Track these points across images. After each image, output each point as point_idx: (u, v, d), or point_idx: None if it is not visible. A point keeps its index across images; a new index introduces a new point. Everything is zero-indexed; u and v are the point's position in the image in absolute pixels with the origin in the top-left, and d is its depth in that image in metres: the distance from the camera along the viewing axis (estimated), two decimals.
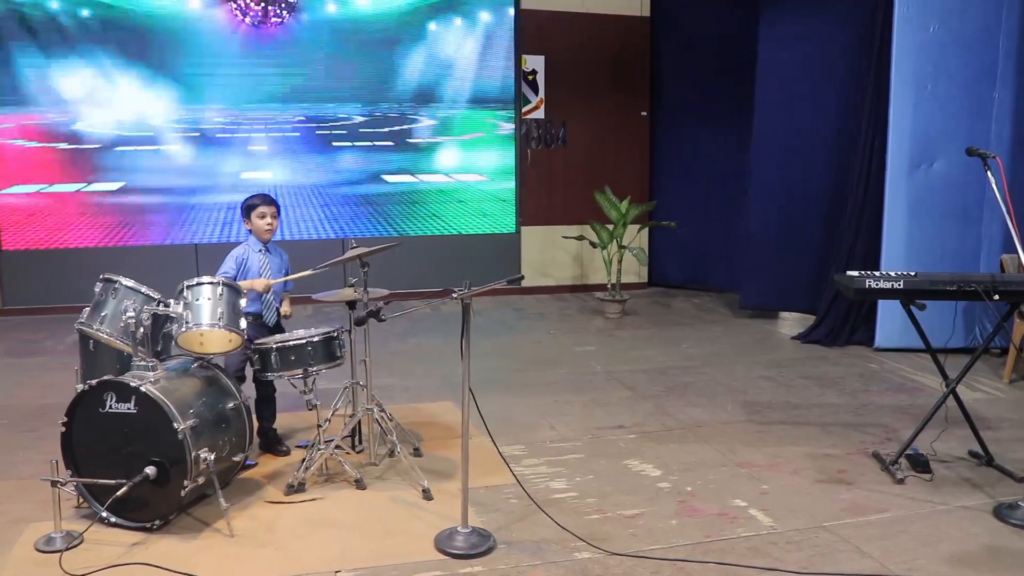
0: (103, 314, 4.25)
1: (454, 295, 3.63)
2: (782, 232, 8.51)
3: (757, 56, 8.57)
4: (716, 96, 10.04)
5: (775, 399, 6.10)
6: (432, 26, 10.06)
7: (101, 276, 4.37)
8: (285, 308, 5.08)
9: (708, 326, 8.63)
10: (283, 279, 4.96)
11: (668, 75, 10.55)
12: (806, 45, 8.27)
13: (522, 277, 3.82)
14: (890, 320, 7.22)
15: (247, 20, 9.58)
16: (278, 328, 4.98)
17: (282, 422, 5.17)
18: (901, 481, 4.51)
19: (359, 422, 4.86)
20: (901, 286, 4.50)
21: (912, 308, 4.58)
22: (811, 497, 4.38)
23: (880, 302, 7.28)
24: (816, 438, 5.26)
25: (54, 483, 3.87)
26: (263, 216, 4.94)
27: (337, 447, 4.57)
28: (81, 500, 4.20)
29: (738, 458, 4.92)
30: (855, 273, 4.67)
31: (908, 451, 4.68)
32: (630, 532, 4.00)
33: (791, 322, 8.67)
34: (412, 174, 10.34)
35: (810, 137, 8.28)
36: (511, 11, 10.19)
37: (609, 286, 9.31)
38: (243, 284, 4.53)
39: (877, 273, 4.62)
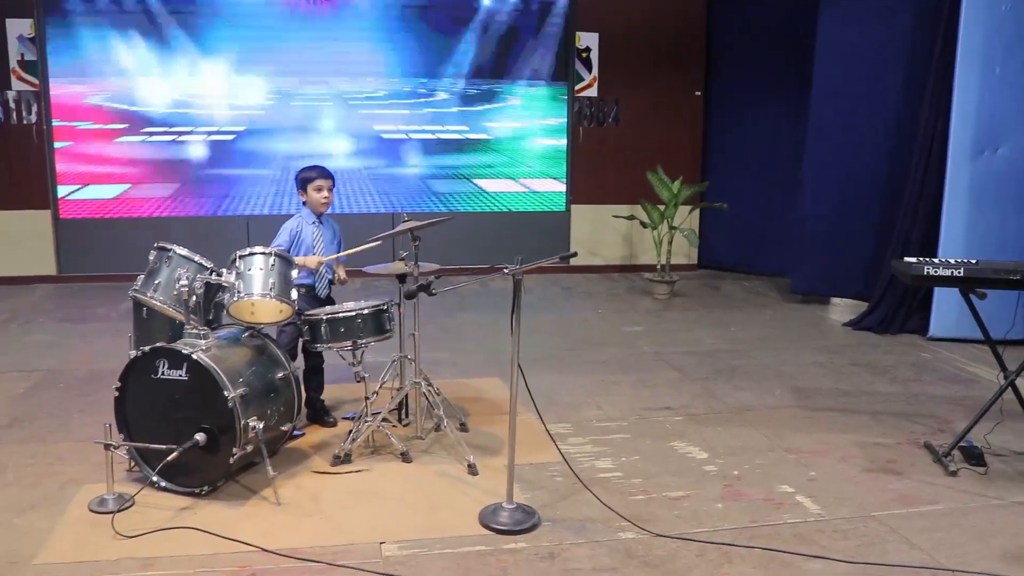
0: (157, 282, 4.29)
1: (506, 271, 3.61)
2: (836, 216, 8.35)
3: (816, 34, 8.39)
4: (772, 75, 9.87)
5: (824, 385, 6.02)
6: (487, 2, 10.00)
7: (155, 244, 4.42)
8: (341, 274, 5.10)
9: (758, 310, 8.54)
10: (334, 256, 4.96)
11: (723, 54, 10.39)
12: (868, 23, 8.06)
13: (574, 254, 3.79)
14: (946, 309, 7.08)
15: None
16: (329, 300, 5.01)
17: (329, 393, 5.22)
18: (954, 473, 4.42)
19: (406, 395, 4.88)
20: (961, 274, 4.40)
21: (971, 297, 4.48)
22: (860, 486, 4.32)
23: (936, 290, 7.14)
24: (866, 426, 5.18)
25: (107, 446, 3.95)
26: (319, 189, 4.96)
27: (384, 420, 4.60)
28: (132, 464, 4.27)
29: (785, 443, 4.87)
30: (913, 259, 4.57)
31: (962, 443, 4.58)
32: (675, 514, 3.98)
33: (842, 308, 8.55)
34: (462, 150, 10.32)
35: (869, 119, 8.09)
36: None
37: (658, 267, 9.24)
38: (296, 260, 4.56)
39: (936, 260, 4.52)
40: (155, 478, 4.06)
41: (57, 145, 9.53)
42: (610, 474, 4.43)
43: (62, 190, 9.60)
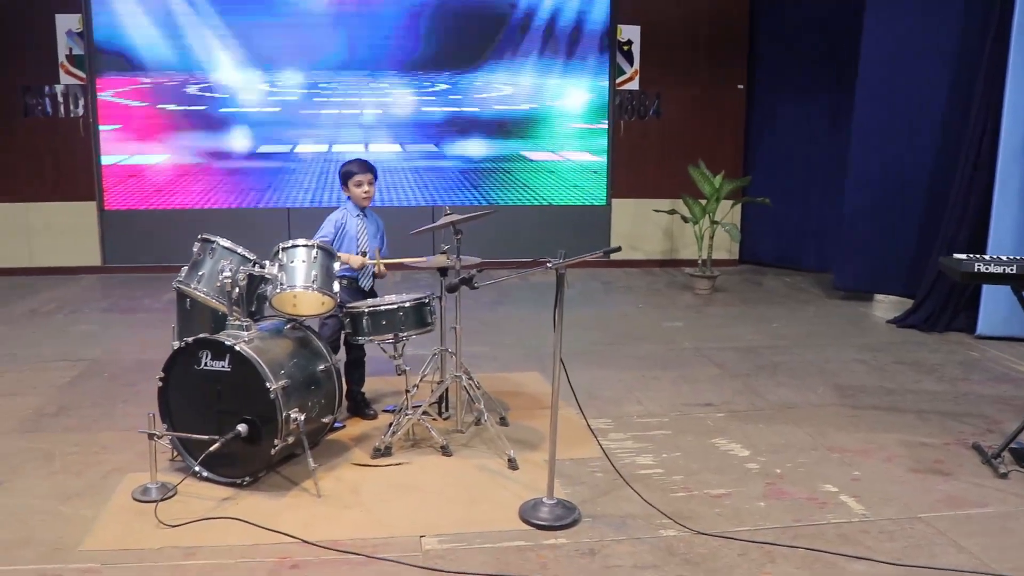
0: (200, 273, 4.32)
1: (549, 265, 3.59)
2: (881, 212, 8.22)
3: (863, 29, 8.25)
4: (817, 69, 9.75)
5: (868, 383, 5.93)
6: None
7: (199, 236, 4.44)
8: (381, 268, 5.10)
9: (800, 306, 8.44)
10: (375, 262, 4.94)
11: (767, 47, 10.28)
12: (916, 17, 7.91)
13: (618, 248, 3.75)
14: (994, 307, 6.95)
15: None
16: (371, 293, 5.02)
17: (369, 386, 5.23)
18: (1004, 476, 4.32)
19: (446, 389, 4.88)
20: (1014, 271, 4.31)
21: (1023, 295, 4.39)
22: (905, 486, 4.24)
23: (985, 288, 7.00)
24: (911, 426, 5.09)
25: (151, 436, 3.98)
26: (360, 184, 4.96)
27: (424, 413, 4.60)
28: (175, 453, 4.31)
29: (829, 442, 4.80)
30: (963, 256, 4.48)
31: (1013, 444, 4.48)
32: (716, 512, 3.93)
33: (886, 305, 8.42)
34: (502, 144, 10.31)
35: (915, 114, 7.95)
36: None
37: (700, 262, 9.17)
38: (340, 256, 4.57)
39: (987, 256, 4.43)
40: (197, 468, 4.09)
41: (102, 136, 9.65)
42: (651, 470, 4.39)
43: (107, 182, 9.73)
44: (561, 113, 10.32)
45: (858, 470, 4.42)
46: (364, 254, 4.89)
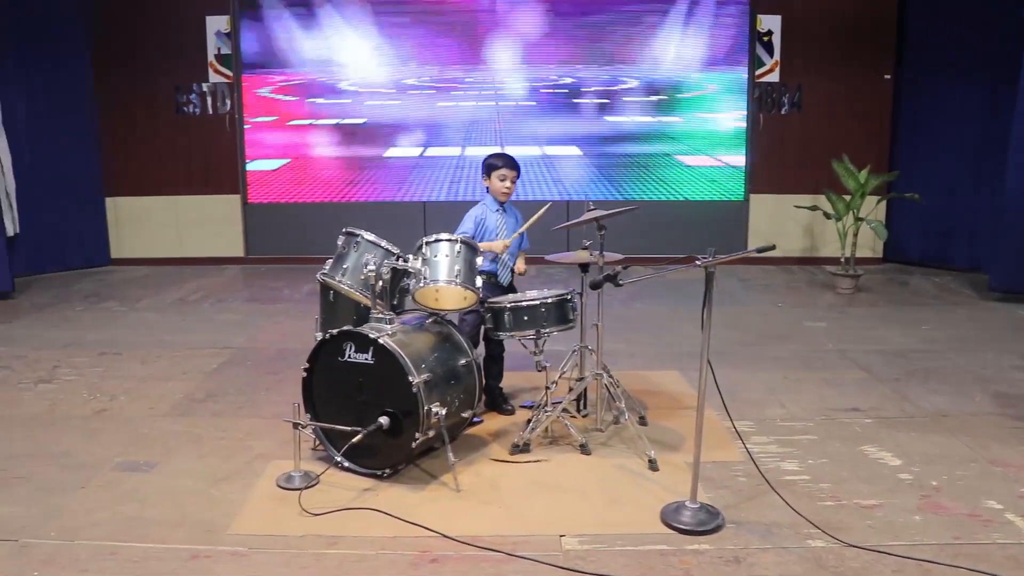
0: (345, 266, 4.36)
1: (698, 263, 3.48)
2: None
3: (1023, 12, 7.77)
4: (968, 58, 9.22)
5: None
6: None
7: (344, 230, 4.49)
8: (520, 265, 5.08)
9: (951, 308, 8.02)
10: (517, 234, 4.92)
11: (916, 35, 9.77)
12: None
13: (772, 247, 3.60)
14: None
15: None
16: (511, 288, 5.00)
17: (507, 381, 5.22)
18: None
19: (586, 387, 4.82)
20: None
21: None
22: None
23: None
24: None
25: (296, 425, 4.07)
26: (503, 178, 4.94)
27: (564, 410, 4.55)
28: (317, 442, 4.39)
29: (990, 455, 4.51)
30: None
31: None
32: (868, 524, 3.75)
33: None
34: (639, 137, 10.18)
35: None
36: None
37: (842, 260, 8.83)
38: (481, 246, 4.57)
39: None
40: (339, 458, 4.15)
41: (247, 132, 9.98)
42: (796, 477, 4.23)
43: (250, 176, 10.06)
44: (698, 107, 10.11)
45: None
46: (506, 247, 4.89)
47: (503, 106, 10.05)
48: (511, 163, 4.97)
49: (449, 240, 4.29)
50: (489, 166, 4.98)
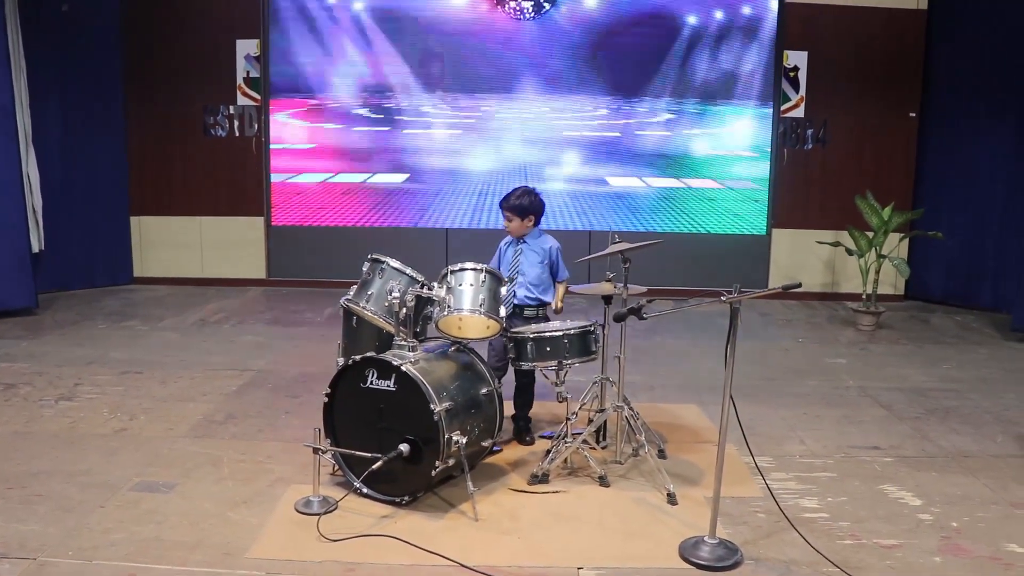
0: (369, 293, 4.39)
1: (723, 299, 3.48)
2: None
3: None
4: (994, 98, 9.19)
5: None
6: (691, 19, 9.85)
7: (369, 256, 4.52)
8: (557, 302, 5.13)
9: (973, 347, 7.96)
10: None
11: (942, 73, 9.76)
12: None
13: (798, 284, 3.60)
14: None
15: (518, 13, 9.78)
16: (536, 319, 5.02)
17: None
18: None
19: (606, 419, 4.81)
20: None
21: None
22: None
23: None
24: None
25: (316, 450, 4.08)
26: (506, 219, 5.05)
27: (584, 442, 4.54)
28: (336, 468, 4.40)
29: (1012, 497, 4.47)
30: None
31: None
32: (887, 564, 3.72)
33: None
34: (661, 170, 10.20)
35: None
36: (774, 4, 9.82)
37: (864, 296, 8.79)
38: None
39: None
40: (358, 484, 4.15)
41: (272, 155, 10.08)
42: (816, 514, 4.20)
43: (275, 199, 10.14)
44: (723, 140, 10.13)
45: None
46: (512, 280, 4.94)
47: (525, 135, 10.09)
48: (506, 204, 5.04)
49: (474, 269, 4.32)
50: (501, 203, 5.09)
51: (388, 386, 4.07)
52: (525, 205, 5.01)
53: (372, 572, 3.53)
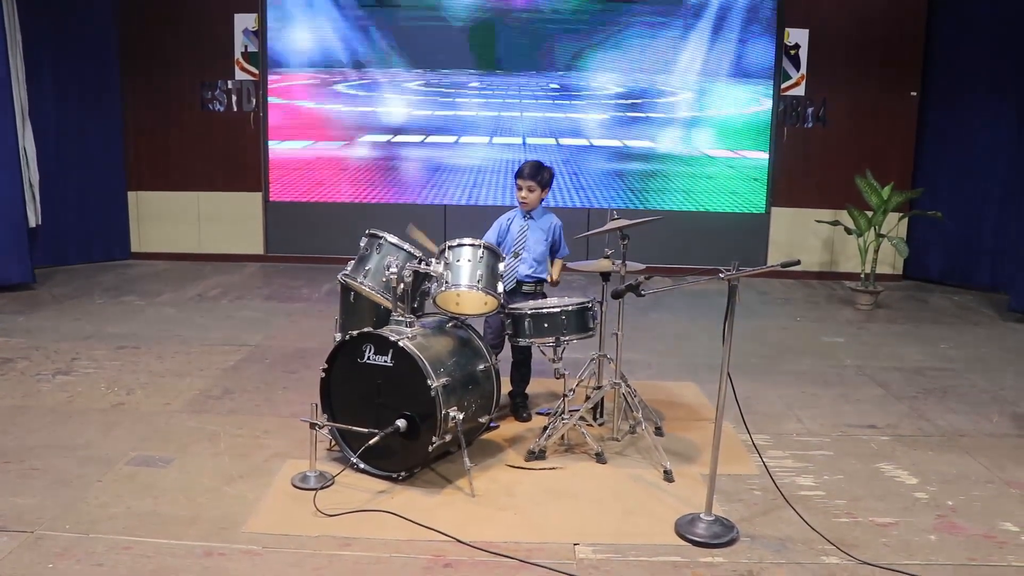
0: (367, 268, 4.37)
1: (721, 275, 3.46)
2: None
3: None
4: (995, 78, 9.16)
5: None
6: None
7: (367, 231, 4.49)
8: (554, 274, 5.11)
9: (971, 327, 7.97)
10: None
11: (943, 53, 9.72)
12: None
13: (797, 262, 3.58)
14: None
15: None
16: (533, 295, 5.00)
17: None
18: None
19: (603, 395, 4.82)
20: None
21: None
22: None
23: None
24: None
25: (313, 425, 4.07)
26: (519, 188, 4.98)
27: (581, 418, 4.55)
28: (332, 443, 4.40)
29: (1007, 476, 4.48)
30: None
31: None
32: (883, 541, 3.73)
33: None
34: (662, 147, 10.16)
35: None
36: None
37: (862, 275, 8.79)
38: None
39: None
40: (355, 460, 4.15)
41: (270, 130, 10.04)
42: (812, 492, 4.21)
43: (273, 174, 10.11)
44: (723, 118, 10.09)
45: None
46: (517, 255, 4.91)
47: (525, 112, 10.05)
48: (522, 173, 4.98)
49: (472, 245, 4.29)
50: (516, 175, 5.01)
51: (385, 361, 4.06)
52: (546, 178, 5.00)
53: (368, 547, 3.53)
